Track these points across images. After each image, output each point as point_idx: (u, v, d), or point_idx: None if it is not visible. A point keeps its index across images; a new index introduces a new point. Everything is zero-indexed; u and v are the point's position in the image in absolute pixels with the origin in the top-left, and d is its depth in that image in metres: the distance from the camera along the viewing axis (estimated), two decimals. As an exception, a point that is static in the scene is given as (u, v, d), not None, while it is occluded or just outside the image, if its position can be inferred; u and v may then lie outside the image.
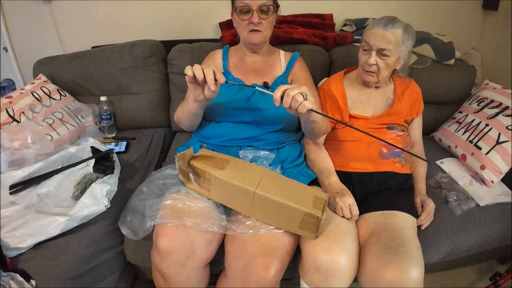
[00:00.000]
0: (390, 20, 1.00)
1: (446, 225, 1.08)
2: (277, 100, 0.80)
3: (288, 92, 0.79)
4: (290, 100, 0.78)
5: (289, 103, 0.79)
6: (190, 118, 1.04)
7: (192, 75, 0.81)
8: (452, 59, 1.49)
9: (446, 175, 1.27)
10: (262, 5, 1.01)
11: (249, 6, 1.00)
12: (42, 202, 1.02)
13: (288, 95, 0.78)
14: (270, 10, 1.03)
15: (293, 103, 0.79)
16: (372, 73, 1.06)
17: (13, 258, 0.90)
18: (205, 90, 0.85)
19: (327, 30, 1.58)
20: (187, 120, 1.06)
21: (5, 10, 1.57)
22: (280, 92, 0.79)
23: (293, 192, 0.84)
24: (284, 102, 0.79)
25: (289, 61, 1.17)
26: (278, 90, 0.80)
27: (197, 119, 1.07)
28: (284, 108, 0.82)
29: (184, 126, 1.11)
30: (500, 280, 1.17)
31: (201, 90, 0.86)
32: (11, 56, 1.67)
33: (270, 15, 1.04)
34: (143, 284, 1.25)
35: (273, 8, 1.04)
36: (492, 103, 1.34)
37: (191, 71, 0.81)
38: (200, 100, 0.89)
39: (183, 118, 1.06)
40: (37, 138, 1.15)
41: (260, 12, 1.01)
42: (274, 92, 0.80)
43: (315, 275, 0.84)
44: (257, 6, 1.00)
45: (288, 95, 0.78)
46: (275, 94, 0.80)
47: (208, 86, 0.82)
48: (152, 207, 0.89)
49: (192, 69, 0.81)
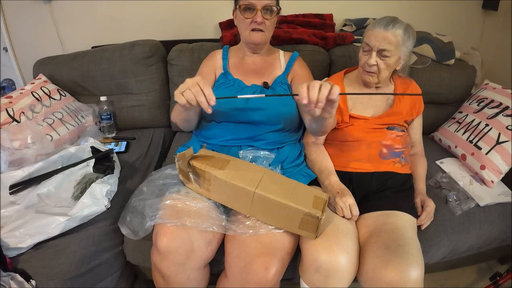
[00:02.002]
0: (391, 21, 1.00)
1: (446, 225, 1.08)
2: (304, 97, 0.72)
3: (313, 84, 0.72)
4: (318, 90, 0.71)
5: (316, 94, 0.71)
6: (184, 122, 1.04)
7: (185, 102, 0.76)
8: (452, 59, 1.49)
9: (446, 175, 1.27)
10: (266, 5, 1.01)
11: (254, 5, 1.01)
12: (42, 202, 1.02)
13: (314, 86, 0.72)
14: (273, 11, 1.03)
15: (322, 91, 0.71)
16: (372, 73, 1.06)
17: (13, 258, 0.90)
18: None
19: (327, 30, 1.58)
20: (182, 123, 1.06)
21: (5, 10, 1.57)
22: (304, 88, 0.73)
23: (293, 192, 0.84)
24: (311, 95, 0.71)
25: (289, 60, 1.17)
26: (302, 87, 0.73)
27: (192, 122, 1.07)
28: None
29: (181, 127, 1.11)
30: (500, 280, 1.17)
31: (194, 108, 0.81)
32: (11, 56, 1.67)
33: (273, 16, 1.04)
34: (143, 284, 1.25)
35: (277, 9, 1.04)
36: (492, 103, 1.34)
37: (183, 99, 0.76)
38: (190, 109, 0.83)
39: (178, 122, 1.06)
40: (37, 138, 1.15)
41: (264, 12, 1.02)
42: (301, 88, 0.73)
43: (315, 275, 0.84)
44: (261, 5, 1.00)
45: (314, 86, 0.72)
46: (302, 89, 0.73)
47: (204, 110, 0.77)
48: (152, 207, 0.89)
49: (183, 97, 0.76)
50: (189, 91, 0.76)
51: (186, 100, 0.76)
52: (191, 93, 0.76)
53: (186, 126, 1.09)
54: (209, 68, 1.17)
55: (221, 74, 1.15)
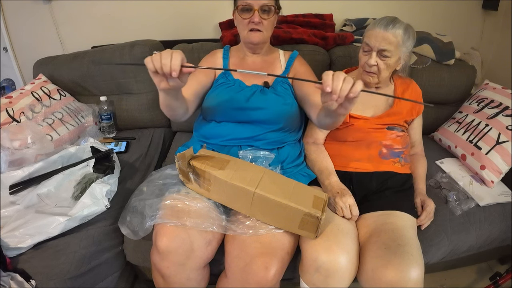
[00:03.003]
0: (391, 21, 1.00)
1: (446, 225, 1.08)
2: (328, 85, 0.68)
3: (337, 73, 0.69)
4: (341, 82, 0.68)
5: (340, 85, 0.68)
6: (168, 109, 0.94)
7: (153, 68, 0.70)
8: (452, 59, 1.49)
9: (446, 175, 1.27)
10: (263, 5, 1.01)
11: (251, 5, 1.01)
12: (42, 202, 1.02)
13: (338, 76, 0.68)
14: (271, 11, 1.03)
15: (345, 85, 0.68)
16: (372, 73, 1.06)
17: (13, 258, 0.90)
18: (170, 79, 0.73)
19: (327, 30, 1.58)
20: (166, 111, 0.96)
21: (5, 10, 1.57)
22: (330, 75, 0.69)
23: (293, 192, 0.84)
24: (335, 85, 0.68)
25: (288, 59, 1.18)
26: (326, 75, 0.69)
27: (176, 111, 0.96)
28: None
29: (168, 116, 1.02)
30: (500, 280, 1.17)
31: (162, 78, 0.73)
32: (11, 56, 1.67)
33: (271, 15, 1.04)
34: (143, 284, 1.25)
35: (275, 9, 1.04)
36: (492, 103, 1.34)
37: (151, 64, 0.70)
38: (164, 89, 0.76)
39: (163, 108, 0.96)
40: (37, 138, 1.15)
41: (261, 12, 1.02)
42: (326, 76, 0.69)
43: (315, 275, 0.84)
44: (258, 5, 1.00)
45: (338, 77, 0.68)
46: (326, 76, 0.69)
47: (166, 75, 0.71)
48: (152, 207, 0.89)
49: (151, 61, 0.70)
50: (159, 56, 0.70)
51: (152, 63, 0.70)
52: (159, 57, 0.70)
53: (172, 115, 0.99)
54: (209, 65, 1.17)
55: (221, 74, 1.15)
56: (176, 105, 0.92)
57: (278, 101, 1.08)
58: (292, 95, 1.12)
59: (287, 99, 1.09)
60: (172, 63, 0.68)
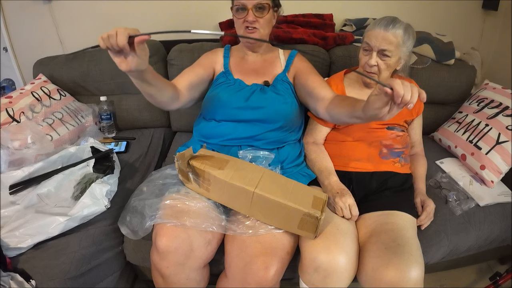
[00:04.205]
0: (391, 21, 1.00)
1: (446, 225, 1.08)
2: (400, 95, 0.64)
3: (407, 83, 0.65)
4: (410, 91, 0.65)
5: (409, 96, 0.64)
6: (147, 96, 0.91)
7: (104, 45, 0.68)
8: (452, 59, 1.49)
9: (446, 175, 1.27)
10: (257, 4, 1.01)
11: (244, 5, 1.01)
12: (42, 202, 1.02)
13: (407, 86, 0.65)
14: (265, 8, 1.03)
15: (413, 96, 0.65)
16: (373, 73, 1.06)
17: (13, 258, 0.90)
18: (128, 58, 0.71)
19: (327, 30, 1.58)
20: (148, 99, 0.93)
21: (5, 10, 1.57)
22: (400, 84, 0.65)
23: (292, 192, 0.84)
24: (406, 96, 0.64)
25: (288, 58, 1.18)
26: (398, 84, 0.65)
27: (155, 98, 0.91)
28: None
29: (154, 104, 0.97)
30: (500, 280, 1.17)
31: (121, 58, 0.72)
32: (11, 56, 1.67)
33: (265, 13, 1.03)
34: (143, 284, 1.25)
35: (269, 6, 1.03)
36: (492, 103, 1.34)
37: (102, 43, 0.68)
38: (128, 72, 0.75)
39: (146, 97, 0.93)
40: (37, 138, 1.15)
41: (256, 11, 1.02)
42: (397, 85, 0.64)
43: (314, 275, 0.84)
44: (252, 4, 1.01)
45: (407, 87, 0.65)
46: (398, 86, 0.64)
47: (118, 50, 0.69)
48: (151, 207, 0.90)
49: (102, 40, 0.68)
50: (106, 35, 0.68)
51: (103, 41, 0.68)
52: (107, 34, 0.68)
53: (155, 102, 0.95)
54: (209, 61, 1.16)
55: (221, 73, 1.14)
56: (152, 92, 0.88)
57: (278, 100, 1.08)
58: (292, 94, 1.12)
59: (287, 98, 1.09)
60: (118, 37, 0.66)
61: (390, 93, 0.66)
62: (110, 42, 0.67)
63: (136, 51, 0.70)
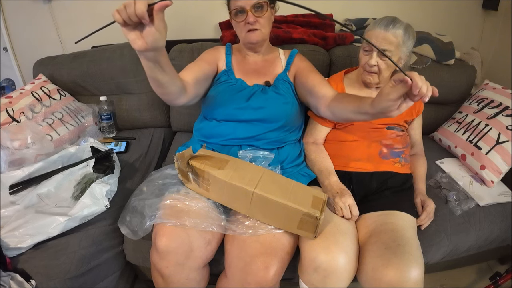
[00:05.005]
0: (391, 21, 1.00)
1: (446, 225, 1.08)
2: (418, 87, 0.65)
3: (423, 78, 0.67)
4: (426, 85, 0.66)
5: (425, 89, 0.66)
6: (156, 85, 0.82)
7: (121, 19, 0.62)
8: (452, 59, 1.49)
9: (446, 175, 1.27)
10: (255, 4, 1.00)
11: (243, 7, 1.00)
12: (42, 202, 1.02)
13: (423, 80, 0.66)
14: (264, 7, 1.02)
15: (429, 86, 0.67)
16: (373, 74, 1.06)
17: (13, 258, 0.90)
18: (145, 32, 0.63)
19: (327, 30, 1.58)
20: (156, 87, 0.84)
21: (5, 10, 1.57)
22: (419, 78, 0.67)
23: (292, 192, 0.84)
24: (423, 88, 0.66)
25: (288, 57, 1.17)
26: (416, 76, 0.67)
27: (165, 87, 0.83)
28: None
29: (160, 96, 0.89)
30: (500, 280, 1.17)
31: (137, 33, 0.64)
32: (11, 56, 1.67)
33: (265, 12, 1.02)
34: (143, 284, 1.25)
35: (267, 4, 1.02)
36: (492, 103, 1.34)
37: (118, 16, 0.63)
38: (143, 51, 0.66)
39: (153, 86, 0.84)
40: (37, 138, 1.15)
41: (255, 11, 1.01)
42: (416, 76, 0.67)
43: (313, 275, 0.84)
44: (250, 5, 1.00)
45: (423, 81, 0.66)
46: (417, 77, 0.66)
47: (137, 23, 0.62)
48: (151, 207, 0.89)
49: (118, 13, 0.63)
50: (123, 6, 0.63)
51: (119, 14, 0.63)
52: (123, 7, 0.62)
53: (163, 93, 0.86)
54: (212, 57, 1.16)
55: (223, 71, 1.14)
56: (164, 80, 0.79)
57: (279, 99, 1.08)
58: (293, 93, 1.12)
59: (288, 98, 1.09)
60: (136, 5, 0.60)
61: (409, 84, 0.65)
62: (127, 12, 0.60)
63: (155, 21, 0.62)
